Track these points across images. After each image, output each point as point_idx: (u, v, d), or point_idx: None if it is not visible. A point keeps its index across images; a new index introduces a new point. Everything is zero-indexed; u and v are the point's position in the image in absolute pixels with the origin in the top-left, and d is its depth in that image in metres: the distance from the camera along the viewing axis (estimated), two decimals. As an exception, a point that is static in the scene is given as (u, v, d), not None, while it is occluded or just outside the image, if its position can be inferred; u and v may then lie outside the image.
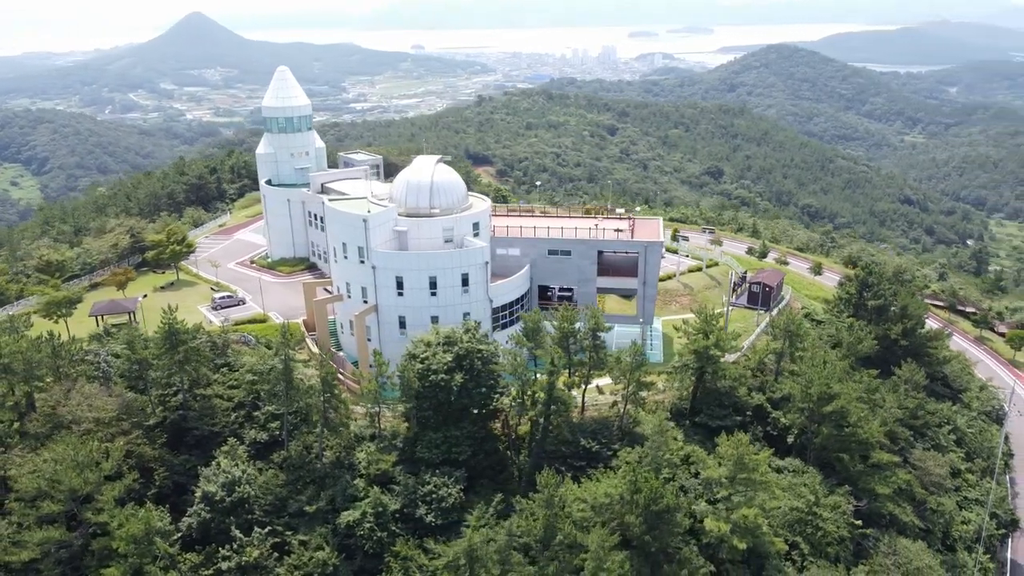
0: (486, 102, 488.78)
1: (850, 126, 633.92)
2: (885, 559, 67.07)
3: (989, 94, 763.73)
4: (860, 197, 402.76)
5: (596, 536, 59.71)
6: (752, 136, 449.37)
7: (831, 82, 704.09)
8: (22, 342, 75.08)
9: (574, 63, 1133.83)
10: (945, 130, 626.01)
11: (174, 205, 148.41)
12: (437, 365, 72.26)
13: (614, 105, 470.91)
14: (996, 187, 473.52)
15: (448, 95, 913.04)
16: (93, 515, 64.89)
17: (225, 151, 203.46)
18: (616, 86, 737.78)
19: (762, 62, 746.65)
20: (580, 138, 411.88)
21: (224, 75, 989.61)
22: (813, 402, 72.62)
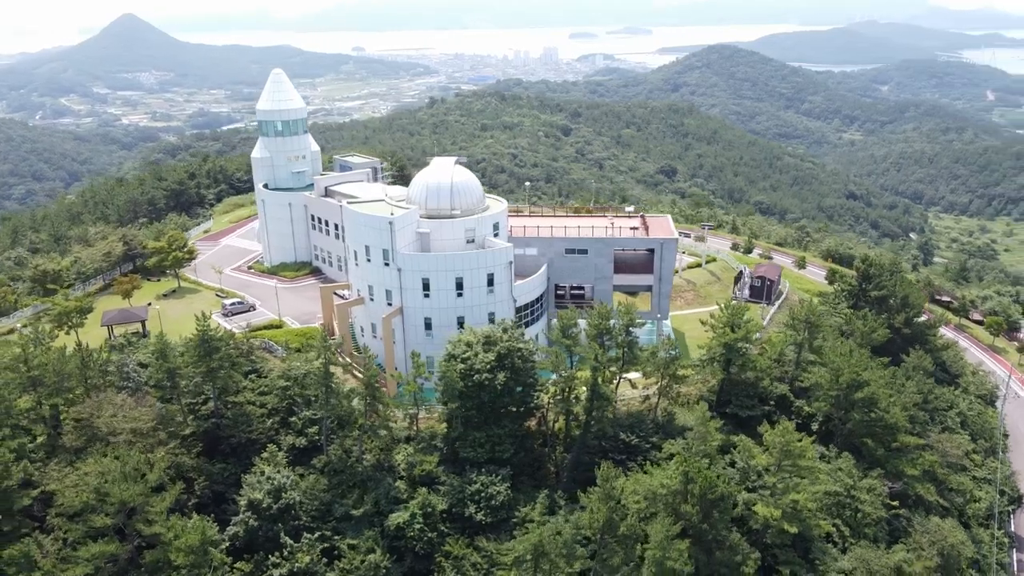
0: (439, 104, 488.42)
1: (791, 124, 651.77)
2: (921, 537, 70.29)
3: (918, 92, 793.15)
4: (808, 193, 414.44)
5: (660, 526, 61.14)
6: (702, 135, 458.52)
7: (771, 81, 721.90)
8: (50, 354, 73.28)
9: (517, 64, 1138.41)
10: (881, 127, 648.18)
11: (155, 211, 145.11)
12: (480, 365, 72.81)
13: (566, 106, 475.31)
14: (932, 182, 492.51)
15: (392, 97, 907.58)
16: (145, 527, 63.73)
17: (200, 156, 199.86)
18: (562, 87, 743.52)
19: (704, 62, 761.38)
20: (536, 138, 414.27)
21: (159, 79, 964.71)
22: (842, 390, 75.44)
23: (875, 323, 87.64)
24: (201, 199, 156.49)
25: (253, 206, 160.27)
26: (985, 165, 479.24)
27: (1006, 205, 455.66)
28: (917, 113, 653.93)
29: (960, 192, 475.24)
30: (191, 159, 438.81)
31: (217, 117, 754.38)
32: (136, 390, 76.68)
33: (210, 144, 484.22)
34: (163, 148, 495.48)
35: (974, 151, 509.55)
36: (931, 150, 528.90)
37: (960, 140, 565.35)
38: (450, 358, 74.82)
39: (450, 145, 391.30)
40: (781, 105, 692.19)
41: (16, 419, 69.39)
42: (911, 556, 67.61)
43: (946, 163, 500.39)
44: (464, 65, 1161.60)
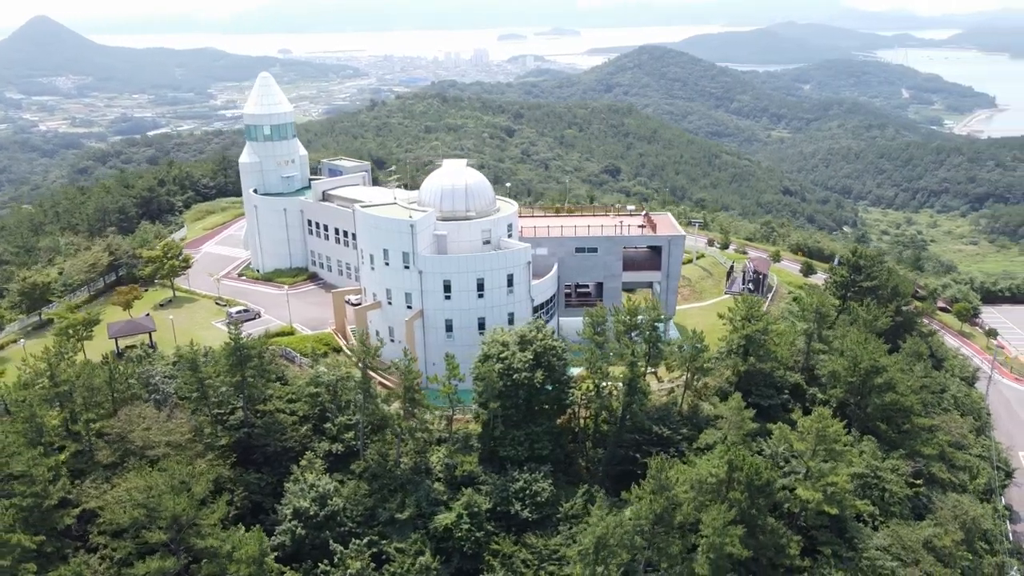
0: (380, 106, 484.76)
1: (722, 123, 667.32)
2: (945, 513, 74.25)
3: (838, 90, 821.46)
4: (747, 190, 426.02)
5: (716, 512, 63.08)
6: (642, 135, 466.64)
7: (701, 81, 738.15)
8: (74, 368, 71.19)
9: (447, 66, 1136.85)
10: (807, 125, 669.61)
11: (126, 220, 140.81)
12: (518, 364, 73.65)
13: (508, 107, 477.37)
14: (859, 177, 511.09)
15: (323, 100, 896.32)
16: (198, 541, 62.51)
17: (166, 162, 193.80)
18: (497, 88, 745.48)
19: (635, 63, 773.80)
20: (480, 140, 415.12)
21: (77, 83, 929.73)
22: (861, 376, 78.93)
23: (877, 311, 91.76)
24: (171, 206, 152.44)
25: (224, 212, 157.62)
26: (908, 160, 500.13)
27: (929, 198, 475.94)
28: (840, 111, 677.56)
29: (886, 186, 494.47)
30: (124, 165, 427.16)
31: (142, 122, 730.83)
32: (162, 402, 74.99)
33: (142, 150, 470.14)
34: (91, 155, 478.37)
35: (897, 147, 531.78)
36: (857, 146, 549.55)
37: (883, 136, 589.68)
38: (486, 358, 75.43)
39: (395, 147, 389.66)
40: (711, 104, 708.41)
41: (48, 436, 67.06)
42: (939, 531, 71.43)
43: (871, 159, 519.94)
44: (394, 67, 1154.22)
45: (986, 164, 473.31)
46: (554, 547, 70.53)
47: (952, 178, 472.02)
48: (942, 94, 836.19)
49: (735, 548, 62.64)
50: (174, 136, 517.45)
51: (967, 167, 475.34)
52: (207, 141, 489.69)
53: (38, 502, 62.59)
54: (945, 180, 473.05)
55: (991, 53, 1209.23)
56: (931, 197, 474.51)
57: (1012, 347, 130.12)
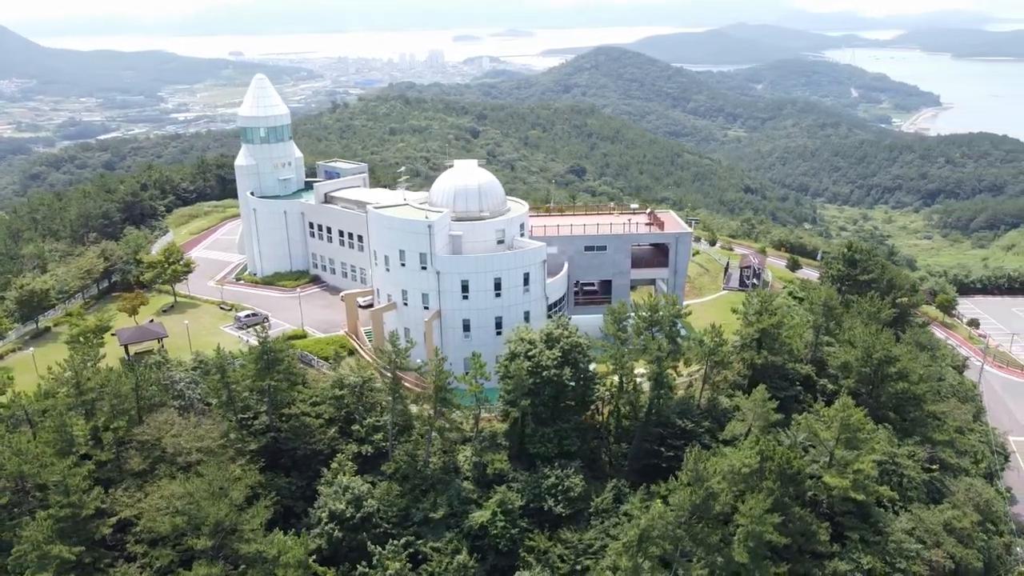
0: (341, 108, 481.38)
1: (679, 123, 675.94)
2: (961, 496, 76.94)
3: (790, 90, 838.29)
4: (709, 188, 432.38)
5: (754, 501, 64.56)
6: (605, 135, 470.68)
7: (658, 82, 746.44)
8: (100, 375, 69.98)
9: (403, 67, 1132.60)
10: (762, 124, 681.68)
11: (110, 225, 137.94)
12: (547, 361, 74.35)
13: (472, 108, 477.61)
14: (816, 174, 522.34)
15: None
16: (243, 545, 61.90)
17: (144, 165, 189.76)
18: (455, 89, 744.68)
19: (592, 64, 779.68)
20: (446, 141, 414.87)
21: (21, 86, 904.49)
22: (874, 366, 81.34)
23: (881, 304, 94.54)
24: (153, 211, 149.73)
25: (207, 216, 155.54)
26: (862, 158, 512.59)
27: (883, 194, 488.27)
28: (794, 110, 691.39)
29: (841, 183, 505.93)
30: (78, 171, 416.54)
31: (91, 126, 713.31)
32: (187, 408, 74.07)
33: (97, 155, 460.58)
34: (43, 160, 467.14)
35: (850, 145, 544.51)
36: (812, 145, 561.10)
37: (836, 135, 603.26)
38: (513, 357, 75.93)
39: (360, 149, 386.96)
40: (668, 104, 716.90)
41: (78, 446, 65.77)
42: (958, 513, 74.03)
43: (827, 156, 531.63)
44: (349, 69, 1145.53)
45: (936, 161, 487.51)
46: (588, 541, 71.38)
47: (905, 175, 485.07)
48: (889, 93, 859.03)
49: (773, 535, 64.24)
50: (130, 140, 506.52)
51: (919, 164, 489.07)
52: (164, 145, 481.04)
53: (75, 512, 61.44)
54: (898, 177, 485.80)
55: (934, 53, 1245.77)
56: (885, 193, 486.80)
57: (992, 336, 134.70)
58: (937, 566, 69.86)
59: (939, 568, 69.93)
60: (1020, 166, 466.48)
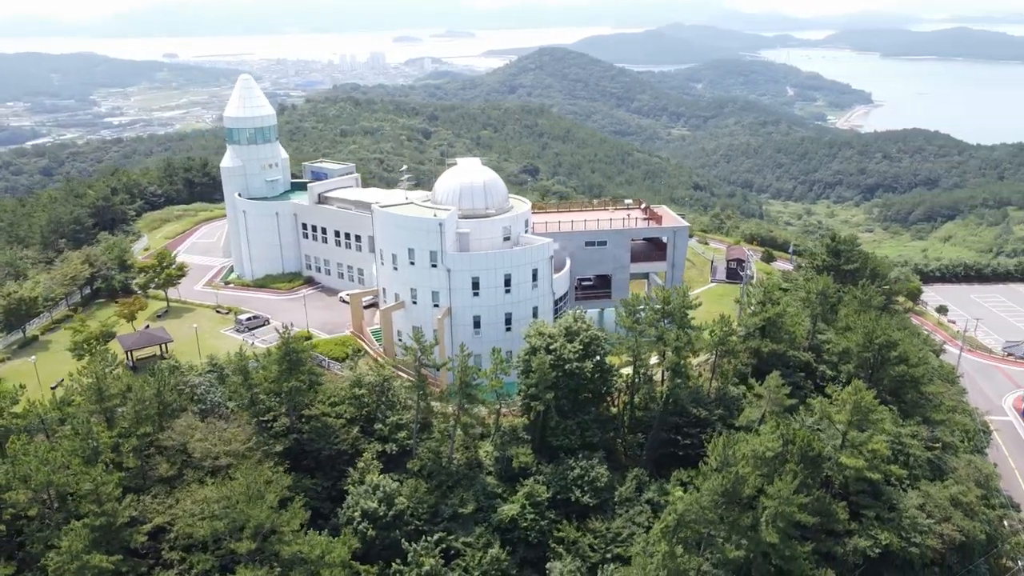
0: (290, 110, 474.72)
1: (624, 122, 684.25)
2: (963, 472, 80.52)
3: (728, 89, 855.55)
4: (660, 186, 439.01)
5: (783, 484, 66.63)
6: (556, 134, 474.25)
7: (602, 82, 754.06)
8: (122, 381, 68.63)
9: (344, 69, 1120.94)
10: (704, 123, 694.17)
11: (81, 231, 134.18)
12: (569, 354, 75.42)
13: (422, 109, 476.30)
14: (759, 171, 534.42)
15: (215, 105, 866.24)
16: (284, 547, 61.37)
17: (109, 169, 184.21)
18: (400, 91, 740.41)
19: (537, 64, 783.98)
20: (399, 142, 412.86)
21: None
22: (875, 351, 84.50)
23: (872, 292, 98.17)
24: (124, 216, 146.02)
25: (179, 220, 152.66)
26: (804, 154, 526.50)
27: (824, 189, 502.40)
28: (735, 109, 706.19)
29: (785, 179, 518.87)
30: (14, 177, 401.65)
31: (20, 132, 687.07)
32: (209, 412, 73.01)
33: (34, 160, 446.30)
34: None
35: (792, 142, 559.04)
36: (755, 142, 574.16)
37: (777, 132, 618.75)
38: (534, 351, 76.71)
39: (312, 152, 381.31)
40: (613, 104, 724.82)
41: (106, 454, 64.34)
42: (963, 488, 77.50)
43: (769, 153, 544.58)
44: (288, 71, 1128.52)
45: (874, 156, 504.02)
46: (616, 530, 72.69)
47: (844, 170, 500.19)
48: (823, 91, 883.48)
49: (802, 515, 66.51)
50: (68, 145, 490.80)
51: (857, 159, 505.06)
52: (104, 150, 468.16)
53: (110, 521, 60.14)
54: (838, 172, 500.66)
55: (863, 52, 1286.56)
56: (827, 188, 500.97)
57: (958, 322, 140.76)
58: (948, 539, 73.08)
59: (950, 540, 73.17)
60: (952, 161, 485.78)
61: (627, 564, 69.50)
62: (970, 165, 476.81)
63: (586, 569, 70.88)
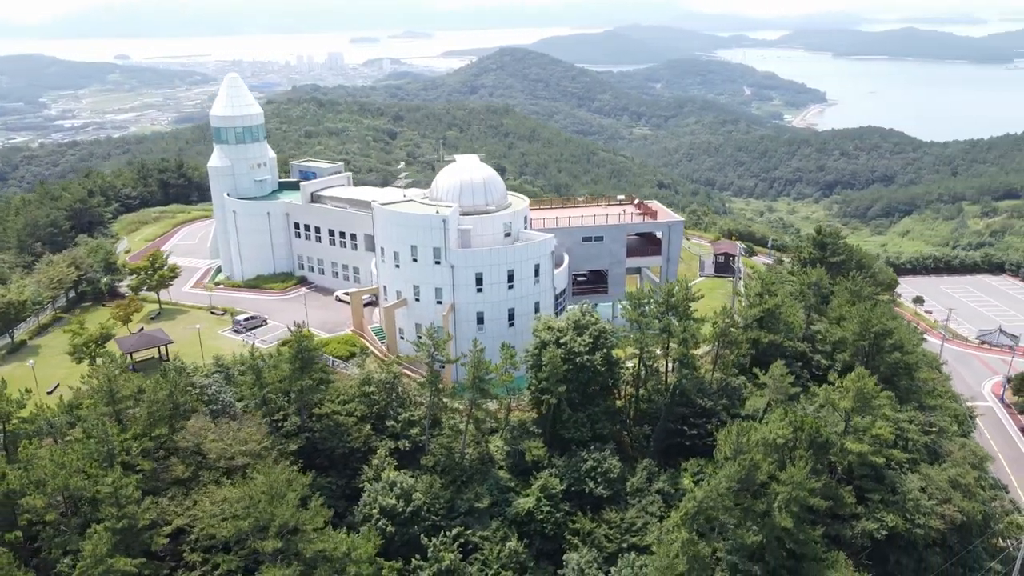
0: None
1: (586, 122, 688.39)
2: (958, 454, 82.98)
3: (687, 89, 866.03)
4: (625, 185, 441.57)
5: (796, 469, 68.04)
6: (522, 134, 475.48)
7: (563, 82, 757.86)
8: (133, 383, 67.62)
9: (301, 70, 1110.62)
10: (665, 122, 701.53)
11: (59, 235, 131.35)
12: (579, 347, 76.09)
13: (387, 110, 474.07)
14: (721, 169, 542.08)
15: (171, 108, 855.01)
16: (308, 545, 60.98)
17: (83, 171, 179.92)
18: (361, 91, 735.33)
19: (497, 64, 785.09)
20: (365, 143, 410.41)
21: None
22: (871, 339, 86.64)
23: (862, 282, 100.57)
24: (101, 219, 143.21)
25: (157, 223, 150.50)
26: (763, 153, 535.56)
27: (785, 187, 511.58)
28: (694, 108, 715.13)
29: (746, 177, 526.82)
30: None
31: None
32: (220, 413, 72.20)
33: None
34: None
35: (752, 140, 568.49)
36: (715, 141, 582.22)
37: (737, 131, 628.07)
38: (544, 345, 77.21)
39: (278, 153, 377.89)
40: (574, 104, 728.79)
41: (122, 456, 63.29)
42: (961, 470, 79.91)
43: (730, 152, 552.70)
44: (245, 72, 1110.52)
45: (832, 154, 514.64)
46: (631, 520, 73.57)
47: (804, 167, 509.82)
48: (779, 91, 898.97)
49: (815, 500, 68.07)
50: (21, 149, 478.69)
51: (816, 157, 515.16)
52: (60, 153, 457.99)
53: (131, 524, 59.24)
54: (798, 170, 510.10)
55: (816, 52, 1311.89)
56: (787, 186, 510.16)
57: (932, 312, 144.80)
58: (950, 519, 75.31)
59: (952, 521, 75.41)
60: (907, 157, 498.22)
61: (643, 553, 70.48)
62: (924, 161, 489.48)
63: (602, 559, 71.65)
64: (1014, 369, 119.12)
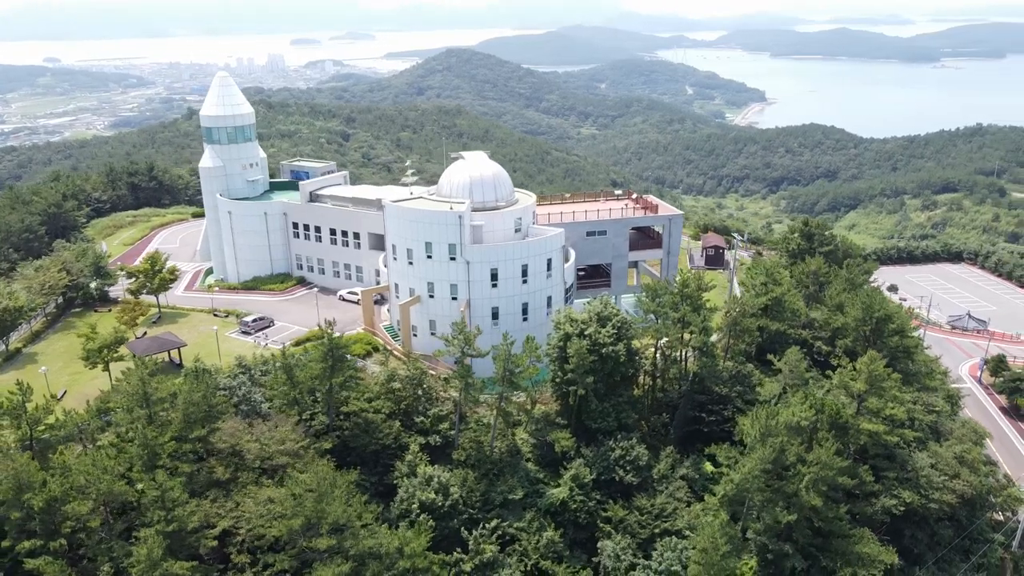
0: (198, 115, 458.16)
1: (535, 122, 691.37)
2: (960, 432, 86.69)
3: (631, 88, 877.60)
4: (580, 183, 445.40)
5: (824, 450, 70.43)
6: (475, 134, 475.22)
7: (510, 82, 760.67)
8: (166, 386, 66.51)
9: (241, 72, 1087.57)
10: (612, 121, 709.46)
11: (34, 240, 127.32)
12: (604, 338, 77.26)
13: (339, 112, 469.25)
14: (670, 167, 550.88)
15: (107, 111, 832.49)
16: (358, 542, 60.77)
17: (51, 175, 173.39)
18: (307, 94, 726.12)
19: (444, 66, 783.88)
20: (318, 145, 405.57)
21: None
22: (873, 324, 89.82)
23: (857, 271, 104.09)
24: (76, 223, 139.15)
25: (133, 227, 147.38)
26: (711, 151, 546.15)
27: (733, 184, 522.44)
28: (640, 107, 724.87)
29: (694, 175, 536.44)
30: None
31: None
32: (251, 413, 71.37)
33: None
34: None
35: (699, 138, 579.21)
36: (664, 140, 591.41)
37: (684, 129, 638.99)
38: (567, 337, 78.09)
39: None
40: (522, 104, 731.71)
41: (163, 459, 62.17)
42: (966, 447, 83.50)
43: (679, 150, 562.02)
44: (183, 75, 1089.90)
45: (777, 151, 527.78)
46: (661, 506, 75.02)
47: (750, 165, 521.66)
48: (720, 90, 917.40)
49: (843, 478, 70.54)
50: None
51: (762, 154, 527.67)
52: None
53: (181, 527, 58.30)
54: (745, 167, 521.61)
55: (754, 52, 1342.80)
56: (735, 183, 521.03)
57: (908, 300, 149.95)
58: (960, 494, 78.69)
59: (962, 495, 78.84)
60: (849, 153, 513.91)
61: (674, 537, 71.77)
62: (865, 157, 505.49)
63: (635, 545, 72.98)
64: (989, 353, 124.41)
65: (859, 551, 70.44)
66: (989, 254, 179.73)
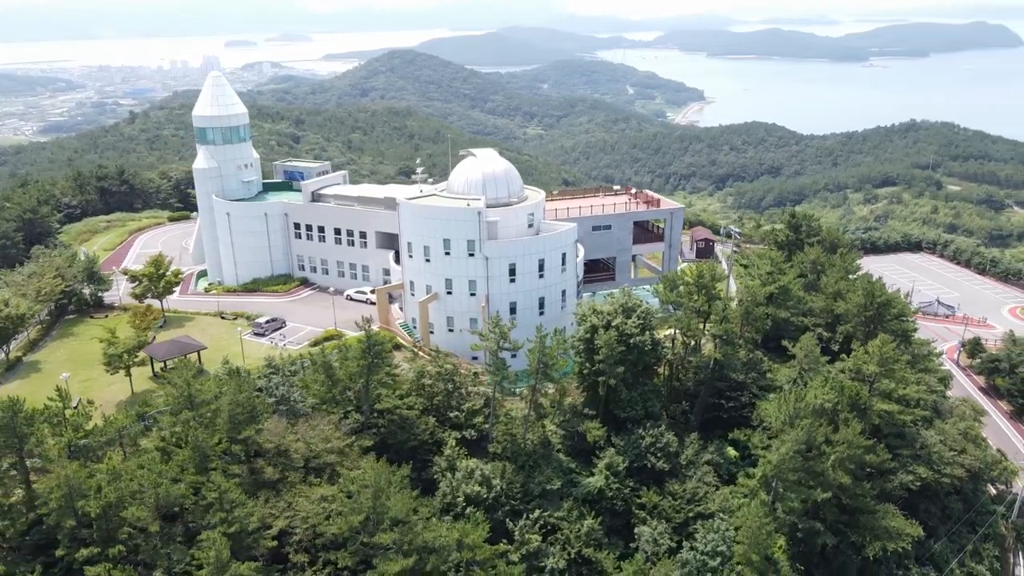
0: (142, 117, 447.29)
1: (481, 123, 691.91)
2: (961, 410, 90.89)
3: (573, 89, 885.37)
4: (534, 182, 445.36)
5: (851, 430, 73.31)
6: (427, 135, 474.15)
7: (454, 83, 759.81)
8: (211, 386, 65.70)
9: (175, 75, 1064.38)
10: (557, 121, 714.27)
11: (11, 246, 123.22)
12: (631, 329, 78.83)
13: (287, 114, 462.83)
14: (618, 166, 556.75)
15: (35, 116, 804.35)
16: (418, 536, 61.01)
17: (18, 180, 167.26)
18: (247, 96, 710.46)
19: (387, 67, 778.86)
20: (269, 147, 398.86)
21: None
22: (875, 310, 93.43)
23: (851, 260, 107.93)
24: (51, 229, 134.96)
25: (109, 232, 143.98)
26: (657, 149, 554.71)
27: (680, 181, 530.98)
28: (584, 107, 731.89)
29: (642, 173, 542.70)
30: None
31: None
32: (291, 412, 70.84)
33: None
34: None
35: (645, 137, 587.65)
36: (610, 139, 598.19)
37: (629, 129, 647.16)
38: (594, 329, 79.40)
39: (178, 160, 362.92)
40: (468, 105, 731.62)
41: (215, 462, 61.37)
42: (969, 423, 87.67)
43: (625, 149, 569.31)
44: (114, 78, 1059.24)
45: (722, 149, 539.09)
46: (692, 491, 76.97)
47: (696, 162, 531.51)
48: (660, 90, 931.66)
49: (870, 456, 73.56)
50: None
51: (707, 152, 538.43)
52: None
53: (242, 528, 57.75)
54: (691, 165, 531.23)
55: (690, 52, 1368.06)
56: (682, 180, 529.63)
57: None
58: (968, 467, 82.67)
59: (970, 469, 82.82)
60: (791, 150, 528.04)
61: (715, 519, 73.69)
62: (807, 153, 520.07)
63: (671, 530, 74.72)
64: (966, 337, 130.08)
65: (886, 525, 73.68)
66: (947, 243, 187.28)
